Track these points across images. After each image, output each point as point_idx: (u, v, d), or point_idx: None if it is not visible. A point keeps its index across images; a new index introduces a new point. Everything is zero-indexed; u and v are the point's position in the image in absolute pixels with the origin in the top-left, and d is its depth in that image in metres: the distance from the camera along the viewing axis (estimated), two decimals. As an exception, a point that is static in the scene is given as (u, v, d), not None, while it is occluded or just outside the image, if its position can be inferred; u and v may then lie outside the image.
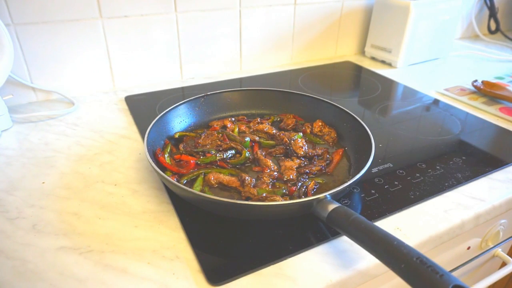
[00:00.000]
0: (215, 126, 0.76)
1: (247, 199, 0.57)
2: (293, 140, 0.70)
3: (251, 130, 0.76)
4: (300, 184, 0.60)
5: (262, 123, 0.77)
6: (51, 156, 0.70)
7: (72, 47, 0.89)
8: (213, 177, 0.61)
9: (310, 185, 0.60)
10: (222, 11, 1.02)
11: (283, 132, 0.74)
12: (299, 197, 0.58)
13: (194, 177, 0.61)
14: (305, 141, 0.70)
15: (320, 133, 0.75)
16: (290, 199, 0.57)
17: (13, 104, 0.87)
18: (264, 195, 0.57)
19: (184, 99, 0.76)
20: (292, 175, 0.62)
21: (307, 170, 0.64)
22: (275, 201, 0.54)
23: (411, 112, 0.92)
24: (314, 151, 0.69)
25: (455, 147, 0.76)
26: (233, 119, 0.79)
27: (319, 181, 0.62)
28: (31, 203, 0.58)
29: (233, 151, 0.67)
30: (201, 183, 0.60)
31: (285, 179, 0.62)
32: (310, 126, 0.77)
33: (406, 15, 1.11)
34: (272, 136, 0.74)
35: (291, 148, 0.68)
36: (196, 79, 1.06)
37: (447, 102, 0.96)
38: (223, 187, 0.60)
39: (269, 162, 0.65)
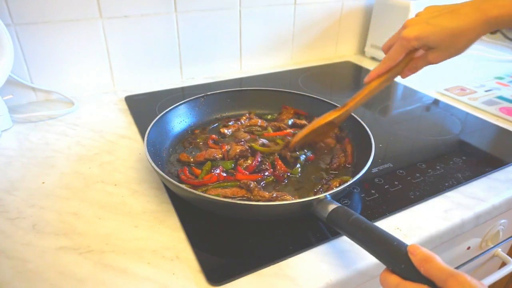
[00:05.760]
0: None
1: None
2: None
3: (244, 128, 0.76)
4: (324, 181, 0.61)
5: (251, 119, 0.78)
6: (51, 156, 0.70)
7: (72, 47, 0.89)
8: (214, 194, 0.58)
9: (334, 184, 0.60)
10: (222, 11, 1.02)
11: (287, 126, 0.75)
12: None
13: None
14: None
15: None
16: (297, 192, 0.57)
17: (13, 104, 0.87)
18: (275, 195, 0.56)
19: (184, 99, 0.76)
20: None
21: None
22: (285, 200, 0.54)
23: (411, 112, 0.92)
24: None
25: (455, 147, 0.76)
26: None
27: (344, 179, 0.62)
28: (31, 203, 0.58)
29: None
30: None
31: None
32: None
33: (406, 15, 1.11)
34: (277, 128, 0.75)
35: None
36: (196, 79, 1.06)
37: (447, 102, 0.96)
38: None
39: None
